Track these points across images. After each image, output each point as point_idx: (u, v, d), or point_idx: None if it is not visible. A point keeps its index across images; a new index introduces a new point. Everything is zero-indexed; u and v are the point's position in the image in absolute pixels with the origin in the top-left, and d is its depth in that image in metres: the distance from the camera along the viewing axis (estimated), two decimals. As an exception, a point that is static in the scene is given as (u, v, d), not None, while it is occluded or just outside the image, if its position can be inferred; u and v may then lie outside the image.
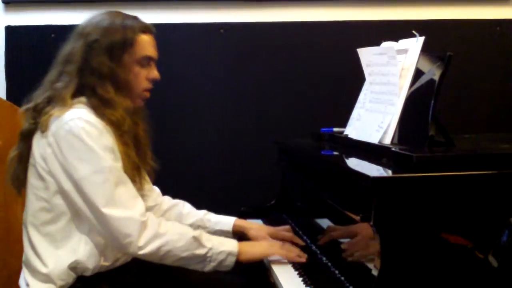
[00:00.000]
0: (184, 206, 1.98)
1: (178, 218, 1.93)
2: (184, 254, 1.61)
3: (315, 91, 2.70)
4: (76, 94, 1.64)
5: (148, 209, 1.89)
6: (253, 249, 1.70)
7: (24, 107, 1.68)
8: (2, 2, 2.61)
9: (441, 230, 1.31)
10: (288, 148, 2.21)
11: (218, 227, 1.92)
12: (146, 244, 1.57)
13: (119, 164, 1.60)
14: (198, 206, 2.00)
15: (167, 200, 1.98)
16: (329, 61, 2.69)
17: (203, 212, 1.96)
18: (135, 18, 1.71)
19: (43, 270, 1.61)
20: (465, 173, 1.33)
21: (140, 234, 1.57)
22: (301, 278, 1.56)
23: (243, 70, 2.70)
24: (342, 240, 1.60)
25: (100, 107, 1.62)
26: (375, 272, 1.30)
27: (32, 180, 1.65)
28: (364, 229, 1.38)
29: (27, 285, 1.65)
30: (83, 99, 1.64)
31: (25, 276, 1.67)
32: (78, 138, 1.55)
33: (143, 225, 1.58)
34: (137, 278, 1.74)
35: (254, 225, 1.93)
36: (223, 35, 2.68)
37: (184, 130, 2.69)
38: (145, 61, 1.70)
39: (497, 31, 2.80)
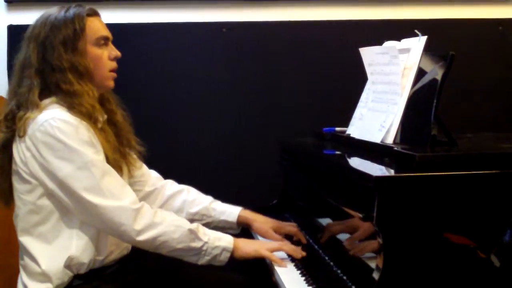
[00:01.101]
0: (190, 193, 1.96)
1: (182, 206, 1.92)
2: (180, 245, 1.62)
3: (317, 90, 2.70)
4: (42, 94, 1.64)
5: (147, 194, 1.90)
6: (248, 247, 1.69)
7: None
8: (5, 1, 2.61)
9: (443, 230, 1.31)
10: (290, 148, 2.21)
11: (223, 217, 1.91)
12: (141, 231, 1.58)
13: (101, 157, 1.61)
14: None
15: (170, 186, 1.97)
16: (332, 60, 2.69)
17: (209, 200, 1.95)
18: (79, 5, 1.71)
19: (39, 270, 1.62)
20: (468, 172, 1.33)
21: (134, 221, 1.57)
22: (303, 278, 1.57)
23: (245, 69, 2.69)
24: (343, 238, 1.60)
25: (69, 101, 1.61)
26: (377, 272, 1.30)
27: (16, 185, 1.65)
28: (364, 223, 1.38)
29: (25, 287, 1.66)
30: (54, 98, 1.64)
31: (22, 278, 1.68)
32: (55, 138, 1.55)
33: (136, 212, 1.58)
34: (135, 275, 1.74)
35: (259, 218, 1.92)
36: (225, 34, 2.68)
37: (186, 129, 2.69)
38: (101, 42, 1.70)
39: (498, 31, 2.80)
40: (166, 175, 1.99)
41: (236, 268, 1.71)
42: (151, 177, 1.95)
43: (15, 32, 2.58)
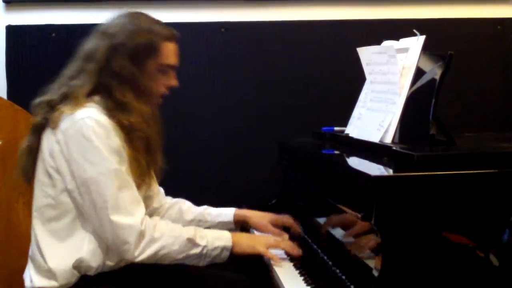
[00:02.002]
0: (185, 203, 1.98)
1: (178, 215, 1.93)
2: (180, 256, 1.63)
3: (316, 90, 2.70)
4: (91, 93, 1.63)
5: (153, 210, 1.90)
6: (245, 243, 1.70)
7: (38, 99, 1.67)
8: (3, 1, 2.61)
9: (442, 229, 1.31)
10: (289, 147, 2.21)
11: (219, 219, 1.93)
12: (142, 251, 1.58)
13: (124, 167, 1.60)
14: (198, 204, 2.00)
15: (169, 200, 1.99)
16: (330, 60, 2.69)
17: (203, 207, 1.97)
18: (161, 23, 1.70)
19: (46, 267, 1.62)
20: (466, 172, 1.33)
21: (137, 242, 1.57)
22: (302, 277, 1.57)
23: (243, 69, 2.69)
24: (342, 238, 1.60)
25: (114, 109, 1.61)
26: (376, 271, 1.30)
27: (39, 175, 1.65)
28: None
29: (31, 281, 1.66)
30: (96, 98, 1.63)
31: (29, 271, 1.68)
32: (87, 138, 1.55)
33: (142, 233, 1.58)
34: (140, 278, 1.74)
35: (255, 213, 1.94)
36: (224, 34, 2.68)
37: (184, 129, 2.69)
38: (167, 69, 1.70)
39: (498, 30, 2.80)
40: (164, 175, 1.98)
41: (237, 268, 1.71)
42: (159, 194, 1.96)
43: (13, 33, 2.58)
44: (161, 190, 1.99)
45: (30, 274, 1.67)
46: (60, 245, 1.62)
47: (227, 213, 1.94)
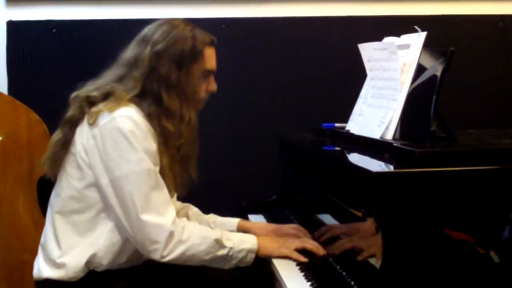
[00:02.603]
0: (191, 209, 1.99)
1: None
2: (207, 257, 1.63)
3: (317, 86, 2.69)
4: (134, 98, 1.64)
5: None
6: (271, 245, 1.70)
7: (75, 93, 1.68)
8: (4, -3, 2.61)
9: (443, 226, 1.31)
10: (290, 143, 2.21)
11: (223, 228, 1.92)
12: (170, 252, 1.59)
13: (157, 168, 1.61)
14: (199, 201, 2.00)
15: (178, 205, 1.99)
16: (331, 57, 2.68)
17: (209, 215, 1.97)
18: (201, 29, 1.73)
19: (59, 257, 1.63)
20: (467, 168, 1.33)
21: (167, 242, 1.58)
22: (302, 273, 1.56)
23: (245, 66, 2.69)
24: (343, 236, 1.60)
25: (160, 115, 1.62)
26: (376, 268, 1.30)
27: (68, 168, 1.66)
28: (367, 226, 1.38)
29: (38, 269, 1.67)
30: (138, 101, 1.63)
31: (39, 260, 1.69)
32: (124, 136, 1.56)
33: (171, 234, 1.58)
34: (147, 276, 1.74)
35: (258, 224, 1.95)
36: (225, 31, 2.67)
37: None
38: (208, 74, 1.73)
39: (499, 27, 2.80)
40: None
41: (237, 267, 1.71)
42: (174, 197, 1.95)
43: (14, 28, 2.58)
44: (174, 195, 1.98)
45: (39, 263, 1.68)
46: (78, 239, 1.63)
47: (231, 222, 1.94)
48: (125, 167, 1.56)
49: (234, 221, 1.94)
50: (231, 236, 1.68)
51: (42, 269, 1.66)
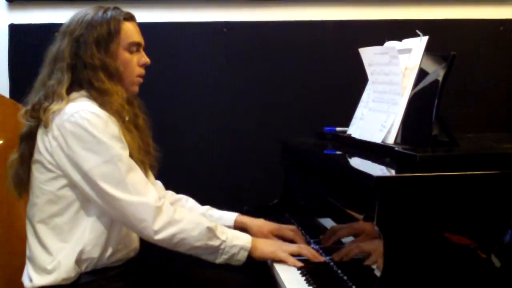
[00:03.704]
0: (188, 201, 1.99)
1: None
2: (198, 243, 1.63)
3: (318, 90, 2.69)
4: (71, 88, 1.66)
5: None
6: (266, 247, 1.70)
7: (23, 110, 1.71)
8: (6, 0, 2.61)
9: (444, 230, 1.31)
10: (291, 147, 2.21)
11: (219, 222, 1.92)
12: (161, 229, 1.60)
13: (126, 152, 1.63)
14: (201, 204, 2.00)
15: (170, 195, 1.99)
16: (333, 60, 2.68)
17: (206, 207, 1.97)
18: (117, 8, 1.74)
19: (51, 262, 1.63)
20: (469, 173, 1.33)
21: (155, 218, 1.59)
22: (303, 278, 1.56)
23: (246, 69, 2.69)
24: (345, 239, 1.60)
25: (100, 97, 1.64)
26: (378, 272, 1.30)
27: (37, 174, 1.66)
28: (369, 227, 1.38)
29: (31, 280, 1.66)
30: (83, 92, 1.66)
31: (28, 271, 1.69)
32: (85, 130, 1.57)
33: (158, 210, 1.60)
34: (140, 276, 1.74)
35: (257, 222, 1.93)
36: (226, 34, 2.68)
37: (186, 128, 2.69)
38: (133, 48, 1.73)
39: (500, 31, 2.80)
40: (165, 174, 1.99)
41: (238, 267, 1.71)
42: (158, 186, 1.97)
43: (16, 31, 2.58)
44: (159, 183, 2.00)
45: (29, 274, 1.68)
46: (65, 240, 1.64)
47: (228, 217, 1.94)
48: (93, 159, 1.58)
49: (231, 216, 1.94)
50: (226, 230, 1.69)
51: (34, 279, 1.66)
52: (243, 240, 1.68)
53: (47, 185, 1.64)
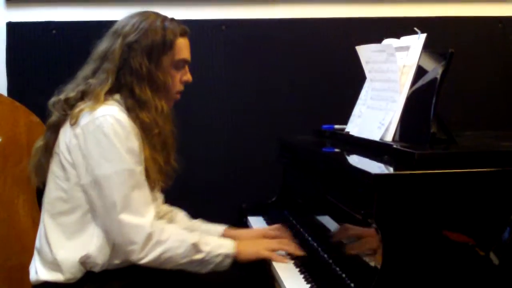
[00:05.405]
0: (178, 214, 1.99)
1: (169, 223, 1.92)
2: (183, 260, 1.63)
3: (316, 88, 2.69)
4: (110, 91, 1.65)
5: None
6: (249, 249, 1.71)
7: (54, 99, 1.69)
8: (4, -2, 2.61)
9: (442, 227, 1.31)
10: (290, 145, 2.21)
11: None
12: (147, 253, 1.59)
13: (139, 168, 1.62)
14: (199, 202, 2.01)
15: (165, 208, 1.99)
16: (331, 58, 2.68)
17: (195, 220, 1.97)
18: (174, 20, 1.73)
19: (52, 259, 1.63)
20: (467, 170, 1.33)
21: (145, 244, 1.58)
22: (302, 275, 1.57)
23: (244, 67, 2.69)
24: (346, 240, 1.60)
25: (135, 108, 1.64)
26: (376, 269, 1.30)
27: (54, 168, 1.66)
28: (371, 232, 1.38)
29: (36, 272, 1.67)
30: (117, 96, 1.65)
31: (35, 262, 1.69)
32: (106, 136, 1.56)
33: (149, 236, 1.59)
34: (143, 275, 1.74)
35: (244, 232, 1.95)
36: (225, 32, 2.67)
37: (184, 126, 2.67)
38: (181, 64, 1.73)
39: (498, 28, 2.80)
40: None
41: (236, 265, 1.71)
42: (161, 199, 1.96)
43: (14, 29, 2.58)
44: (161, 196, 1.98)
45: (36, 266, 1.68)
46: (69, 240, 1.63)
47: (216, 230, 1.93)
48: (106, 166, 1.57)
49: (219, 230, 1.94)
50: (209, 241, 1.68)
51: (39, 272, 1.66)
52: (226, 247, 1.68)
53: (61, 182, 1.64)
